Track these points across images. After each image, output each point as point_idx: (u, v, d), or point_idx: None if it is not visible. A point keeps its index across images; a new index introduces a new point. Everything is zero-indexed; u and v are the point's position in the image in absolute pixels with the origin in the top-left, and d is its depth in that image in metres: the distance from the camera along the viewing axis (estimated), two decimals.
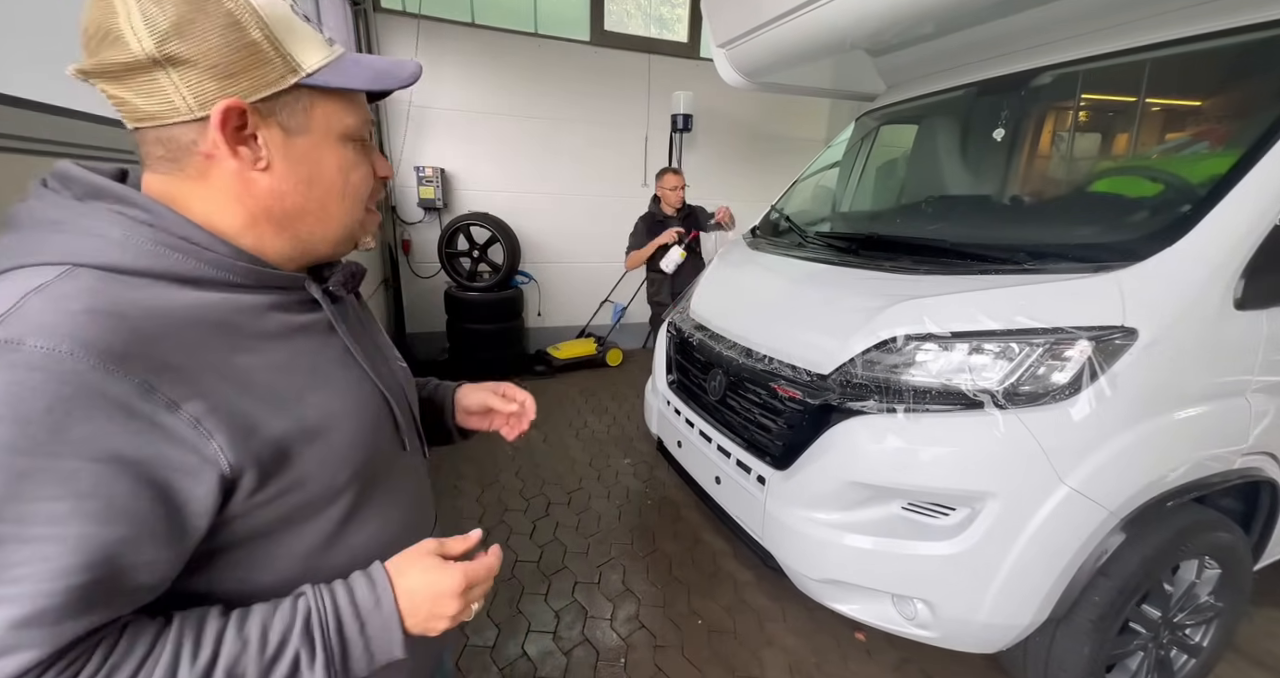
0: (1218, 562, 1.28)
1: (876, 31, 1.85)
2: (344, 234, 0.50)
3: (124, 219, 0.39)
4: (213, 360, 0.39)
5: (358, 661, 0.44)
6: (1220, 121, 1.43)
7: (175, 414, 0.36)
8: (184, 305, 0.39)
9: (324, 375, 0.48)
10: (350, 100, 0.47)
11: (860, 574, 1.26)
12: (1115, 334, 1.08)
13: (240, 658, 0.39)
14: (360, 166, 0.49)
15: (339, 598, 0.44)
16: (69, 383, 0.32)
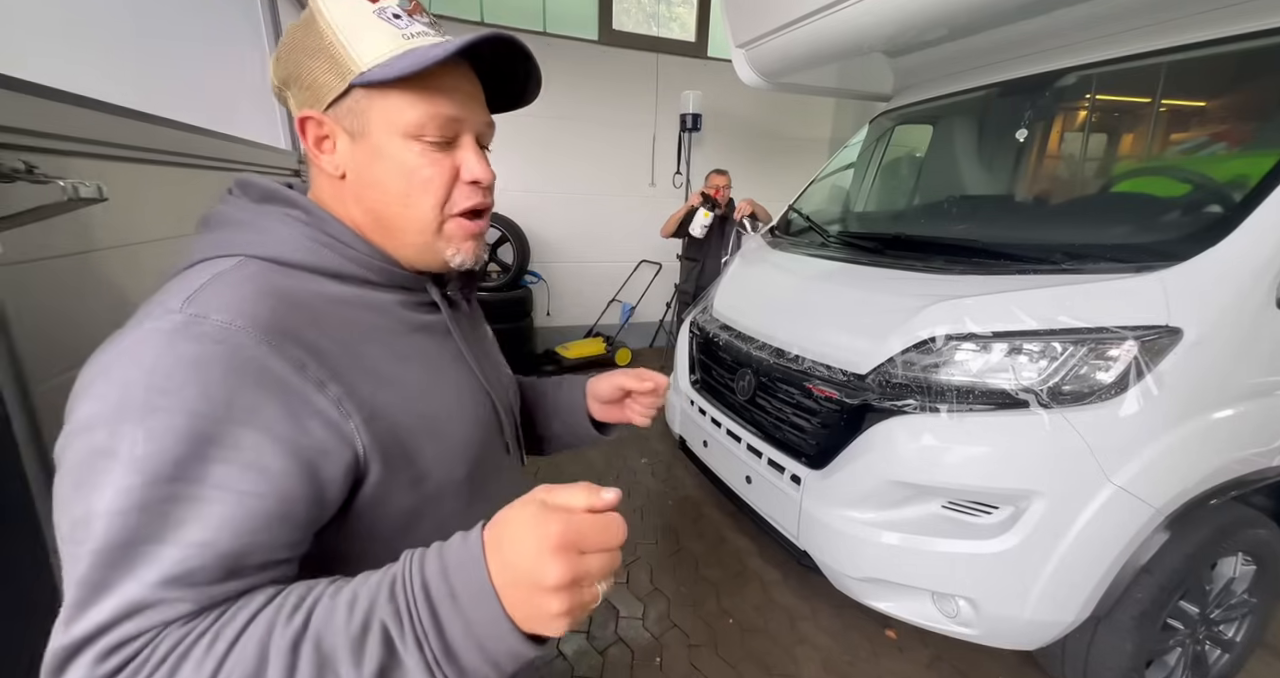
0: (1254, 558, 1.30)
1: (895, 34, 1.86)
2: (418, 242, 0.47)
3: (289, 219, 0.44)
4: (351, 348, 0.42)
5: (461, 647, 0.32)
6: (1240, 122, 1.45)
7: (323, 392, 0.38)
8: (330, 296, 0.43)
9: (441, 374, 0.49)
10: (418, 94, 0.43)
11: (901, 572, 1.27)
12: (1160, 334, 1.09)
13: (330, 625, 0.32)
14: (430, 167, 0.45)
15: (428, 555, 0.35)
16: (240, 354, 0.35)
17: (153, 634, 0.32)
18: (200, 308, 0.36)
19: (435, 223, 0.47)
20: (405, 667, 0.32)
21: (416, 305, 0.50)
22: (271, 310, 0.38)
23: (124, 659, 0.31)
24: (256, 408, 0.35)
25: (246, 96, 1.24)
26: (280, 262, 0.42)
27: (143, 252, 0.68)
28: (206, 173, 0.87)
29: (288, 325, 0.38)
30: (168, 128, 0.75)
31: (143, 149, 0.69)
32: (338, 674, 0.31)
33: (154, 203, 0.71)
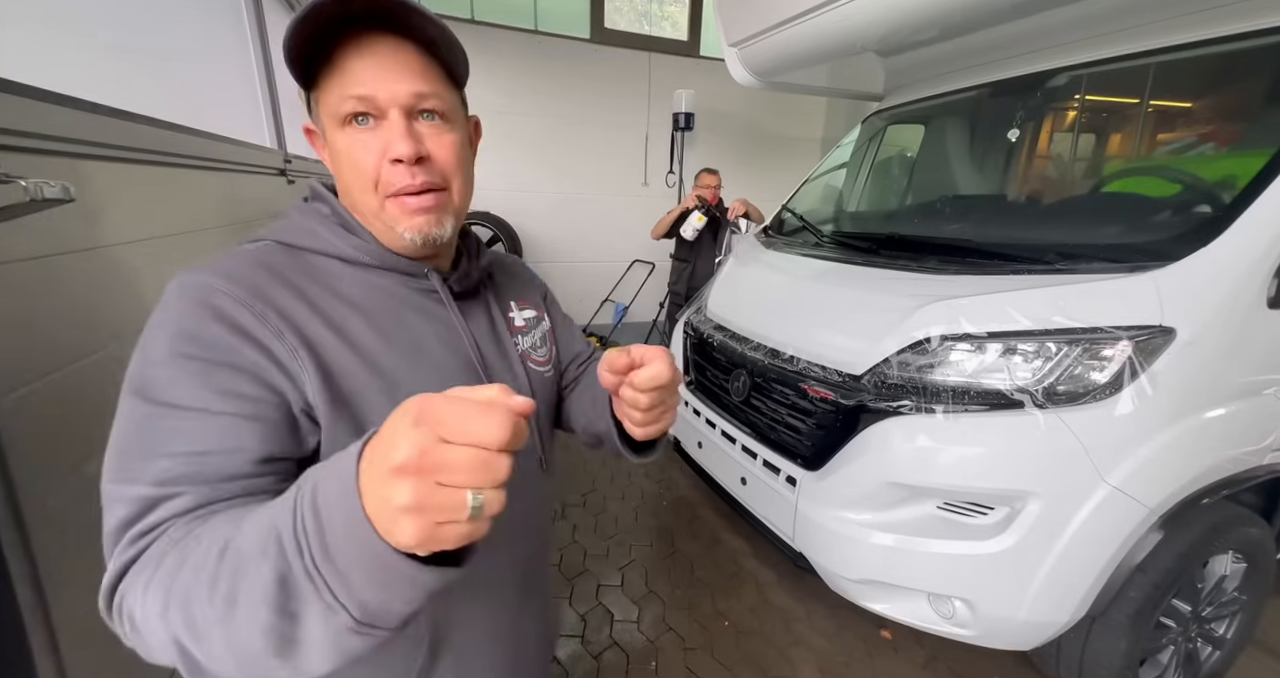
0: (1244, 556, 1.31)
1: (888, 34, 1.86)
2: (375, 226, 0.50)
3: (315, 213, 0.52)
4: (326, 314, 0.47)
5: (331, 548, 0.29)
6: (1228, 122, 1.46)
7: (280, 340, 0.43)
8: (327, 272, 0.50)
9: (422, 354, 0.51)
10: (334, 77, 0.45)
11: (897, 574, 1.26)
12: (1154, 333, 1.09)
13: (250, 534, 0.32)
14: (358, 150, 0.46)
15: (322, 464, 0.32)
16: (213, 303, 0.42)
17: (167, 525, 0.37)
18: (192, 273, 0.44)
19: (376, 203, 0.48)
20: (295, 575, 0.30)
21: (419, 290, 0.54)
22: (251, 277, 0.45)
23: (146, 545, 0.37)
24: (227, 346, 0.41)
25: (233, 95, 1.22)
26: (292, 245, 0.50)
27: (122, 253, 0.66)
28: (190, 172, 0.84)
29: (260, 288, 0.45)
30: (148, 126, 0.73)
31: (121, 147, 0.67)
32: (245, 581, 0.30)
33: (132, 203, 0.69)
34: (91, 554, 0.44)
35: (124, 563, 0.36)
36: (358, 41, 0.45)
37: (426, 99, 0.47)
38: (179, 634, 0.32)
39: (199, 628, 0.32)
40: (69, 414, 0.58)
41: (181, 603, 0.32)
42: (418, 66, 0.46)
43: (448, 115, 0.49)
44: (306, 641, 0.31)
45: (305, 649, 0.31)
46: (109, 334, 0.64)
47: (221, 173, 0.96)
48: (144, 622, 0.34)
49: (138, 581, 0.35)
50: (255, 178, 1.14)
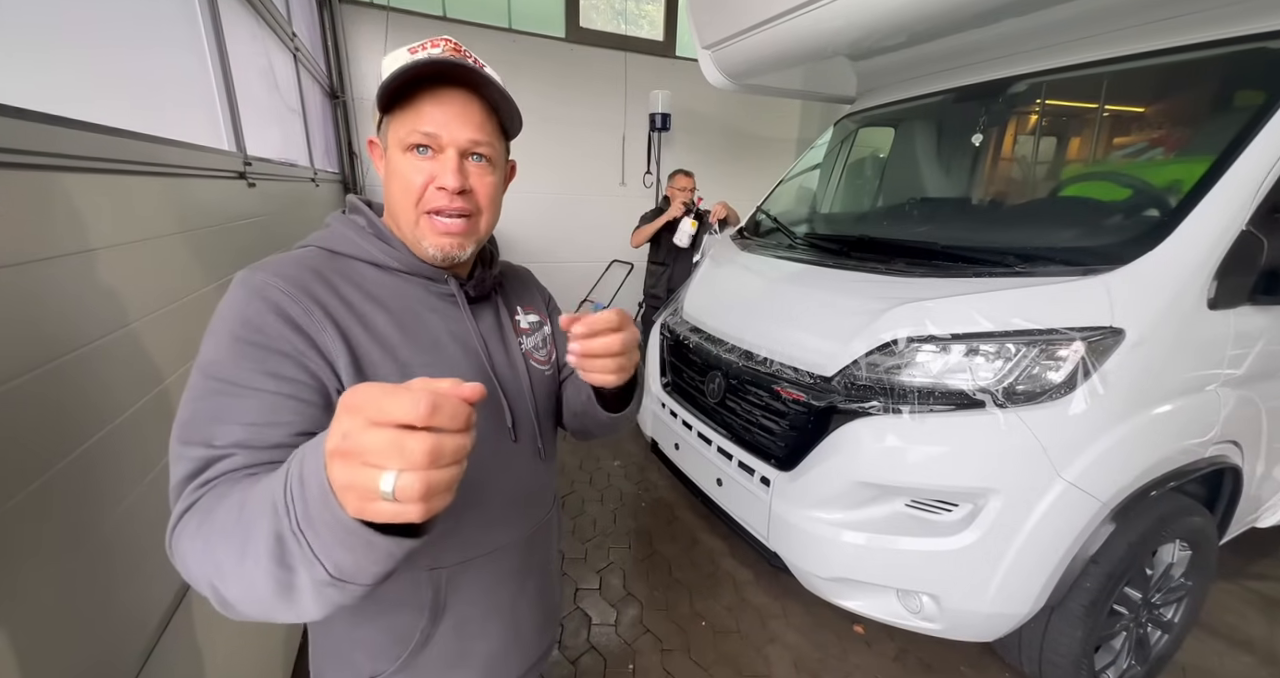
0: (1189, 544, 1.37)
1: (858, 39, 1.89)
2: (409, 235, 0.59)
3: (352, 222, 0.61)
4: (359, 312, 0.55)
5: (310, 512, 0.34)
6: (1176, 129, 1.53)
7: (324, 332, 0.51)
8: (361, 276, 0.57)
9: (439, 351, 0.59)
10: (410, 112, 0.55)
11: (867, 571, 1.29)
12: (1105, 334, 1.14)
13: (262, 496, 0.37)
14: (414, 174, 0.56)
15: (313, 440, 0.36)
16: (267, 298, 0.50)
17: (215, 483, 0.43)
18: (254, 271, 0.52)
19: (414, 217, 0.57)
20: (285, 531, 0.35)
21: (439, 294, 0.61)
22: (298, 275, 0.53)
23: (202, 495, 0.43)
24: (279, 335, 0.49)
25: (186, 98, 1.17)
26: (331, 250, 0.58)
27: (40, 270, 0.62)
28: (131, 179, 0.81)
29: (308, 287, 0.52)
30: (78, 131, 0.69)
31: (39, 154, 0.63)
32: (255, 536, 0.36)
33: (53, 216, 0.65)
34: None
35: (182, 509, 0.43)
36: (435, 89, 0.55)
37: (479, 146, 0.57)
38: (210, 575, 0.39)
39: (224, 571, 0.38)
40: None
41: (211, 550, 0.39)
42: (479, 119, 0.57)
43: (493, 160, 0.59)
44: (300, 588, 0.36)
45: (300, 596, 0.37)
46: (44, 353, 0.61)
47: (168, 178, 0.92)
48: (190, 561, 0.41)
49: (189, 526, 0.41)
50: (210, 182, 1.09)
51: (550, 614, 0.76)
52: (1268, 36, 1.23)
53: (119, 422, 0.73)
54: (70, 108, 0.71)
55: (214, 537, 0.39)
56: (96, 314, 0.71)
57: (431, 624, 0.59)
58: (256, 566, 0.36)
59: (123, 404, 0.75)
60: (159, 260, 0.87)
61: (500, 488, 0.63)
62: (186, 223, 0.95)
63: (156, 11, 1.06)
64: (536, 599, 0.70)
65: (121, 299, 0.76)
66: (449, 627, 0.61)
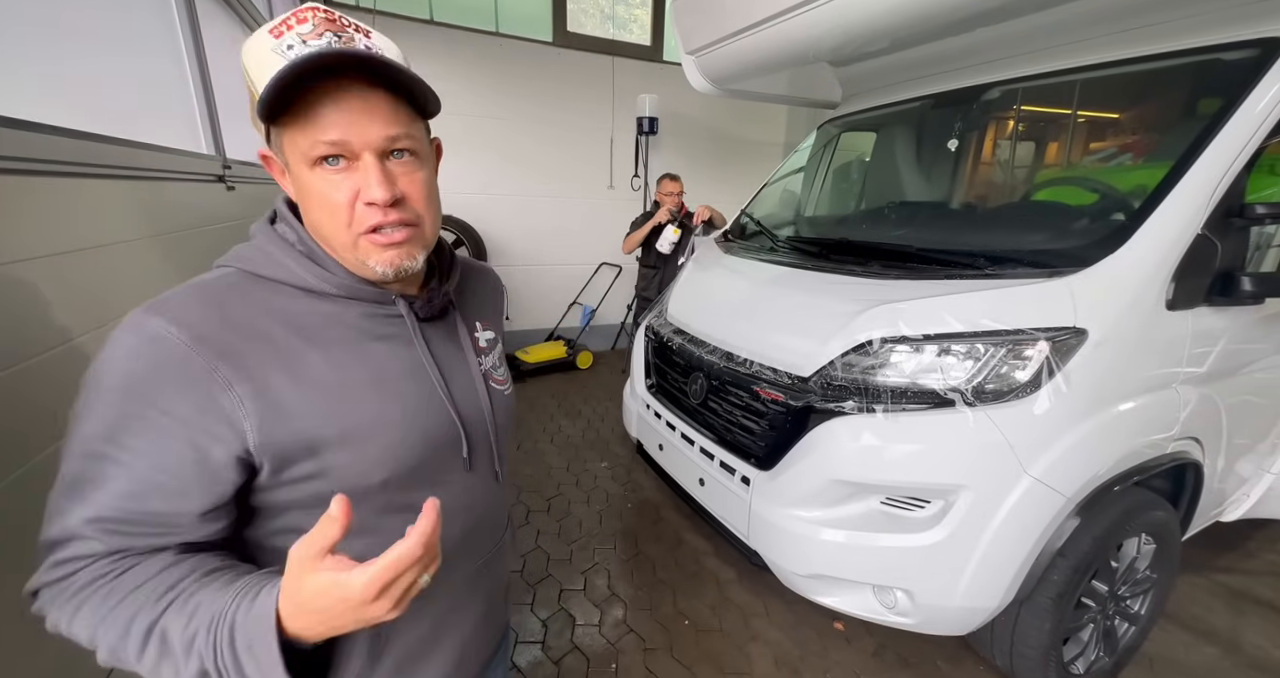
0: (1154, 538, 1.42)
1: (839, 45, 1.93)
2: (346, 258, 0.51)
3: (278, 237, 0.51)
4: (281, 353, 0.47)
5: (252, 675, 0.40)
6: (1143, 135, 1.58)
7: (228, 392, 0.44)
8: (284, 308, 0.49)
9: (387, 382, 0.52)
10: (302, 123, 0.45)
11: (844, 568, 1.32)
12: (1069, 334, 1.18)
13: (173, 625, 0.41)
14: (332, 191, 0.47)
15: (239, 610, 0.41)
16: (161, 353, 0.43)
17: (81, 564, 0.42)
18: (152, 311, 0.44)
19: (350, 240, 0.49)
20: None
21: (383, 317, 0.54)
22: (203, 320, 0.45)
23: (60, 576, 0.43)
24: (167, 397, 0.42)
25: (162, 102, 1.17)
26: (257, 274, 0.49)
27: (8, 273, 0.63)
28: (104, 182, 0.81)
29: (214, 334, 0.44)
30: (48, 135, 0.69)
31: (8, 158, 0.63)
32: (175, 663, 0.41)
33: (21, 219, 0.66)
34: None
35: (44, 582, 0.43)
36: (326, 87, 0.44)
37: (398, 140, 0.48)
38: (104, 658, 0.42)
39: (119, 658, 0.42)
40: None
41: (108, 648, 0.42)
42: (388, 109, 0.47)
43: (418, 152, 0.50)
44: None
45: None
46: (9, 356, 0.61)
47: (146, 182, 0.92)
48: (69, 634, 0.43)
49: (62, 608, 0.42)
50: (188, 185, 1.10)
51: (496, 633, 0.72)
52: (1222, 48, 1.28)
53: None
54: (43, 113, 0.71)
55: (107, 639, 0.42)
56: (68, 316, 0.71)
57: (370, 666, 0.53)
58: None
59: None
60: (134, 263, 0.87)
61: (455, 521, 0.57)
62: (163, 226, 0.96)
63: (130, 16, 1.06)
64: (482, 622, 0.66)
65: (95, 301, 0.76)
66: (389, 665, 0.55)
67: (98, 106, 0.91)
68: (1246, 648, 1.64)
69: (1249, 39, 1.23)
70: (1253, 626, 1.73)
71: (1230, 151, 1.19)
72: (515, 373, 3.84)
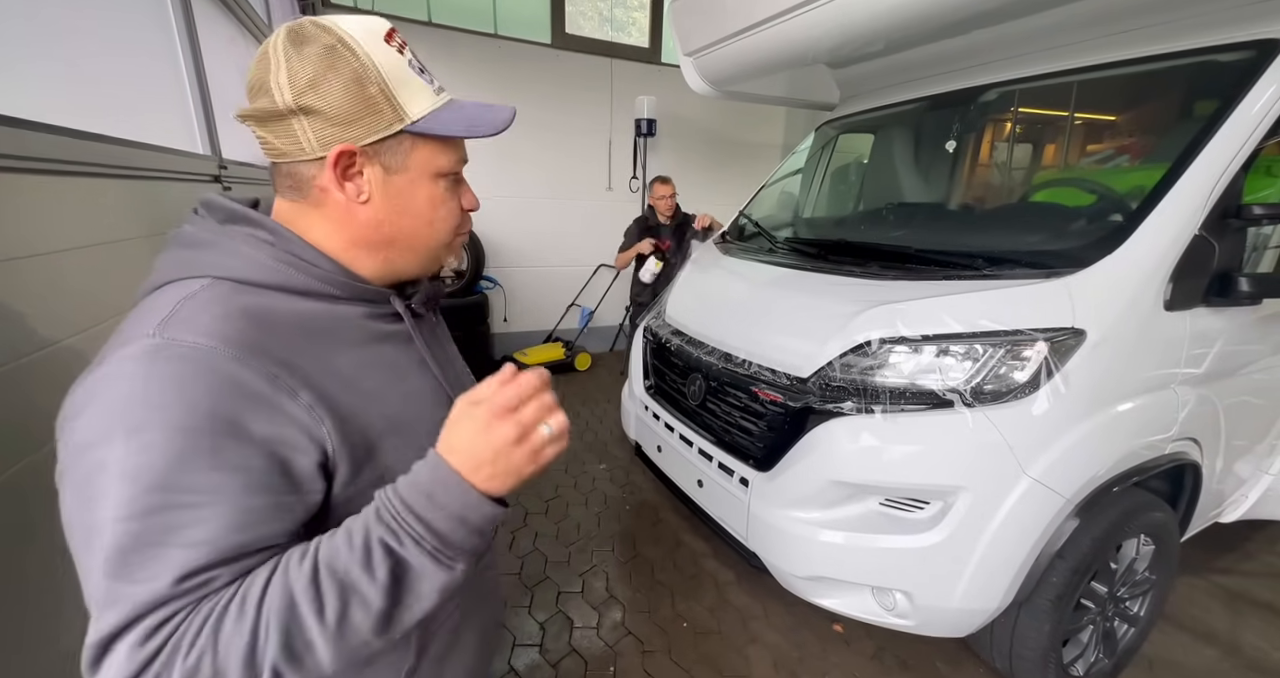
0: (1152, 539, 1.41)
1: (837, 46, 1.94)
2: (429, 259, 0.56)
3: (254, 239, 0.47)
4: (320, 358, 0.46)
5: (449, 531, 0.42)
6: (1140, 137, 1.59)
7: (295, 400, 0.43)
8: (296, 311, 0.47)
9: (404, 380, 0.54)
10: (447, 143, 0.52)
11: (843, 569, 1.31)
12: (1067, 335, 1.17)
13: (337, 558, 0.40)
14: (450, 201, 0.54)
15: (401, 482, 0.44)
16: (217, 372, 0.39)
17: (183, 615, 0.38)
18: (174, 332, 0.40)
19: (449, 241, 0.56)
20: (410, 562, 0.41)
21: (380, 317, 0.54)
22: (240, 330, 0.42)
23: (162, 641, 0.37)
24: (235, 418, 0.39)
25: (158, 102, 1.16)
26: (246, 282, 0.46)
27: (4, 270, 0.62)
28: (99, 181, 0.80)
29: (256, 342, 0.42)
30: (43, 134, 0.69)
31: (3, 156, 0.63)
32: (358, 589, 0.40)
33: (16, 217, 0.65)
34: None
35: (147, 656, 0.36)
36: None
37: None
38: (276, 664, 0.38)
39: (301, 648, 0.39)
40: None
41: (281, 637, 0.38)
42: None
43: None
44: (414, 605, 0.42)
45: (406, 614, 0.42)
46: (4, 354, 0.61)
47: (141, 181, 0.92)
48: (229, 664, 0.37)
49: (190, 652, 0.37)
50: (184, 185, 1.09)
51: (499, 627, 0.76)
52: (1218, 49, 1.28)
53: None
54: (38, 111, 0.71)
55: (274, 628, 0.38)
56: (63, 315, 0.70)
57: (417, 661, 0.56)
58: (364, 616, 0.40)
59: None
60: (128, 263, 0.86)
61: None
62: (158, 226, 0.95)
63: (127, 16, 1.06)
64: (491, 615, 0.70)
65: (89, 301, 0.76)
66: (432, 658, 0.57)
67: (93, 105, 0.90)
68: (1245, 650, 1.64)
69: (1245, 41, 1.23)
70: (1251, 627, 1.73)
71: (1227, 153, 1.20)
72: None
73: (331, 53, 0.45)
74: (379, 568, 0.40)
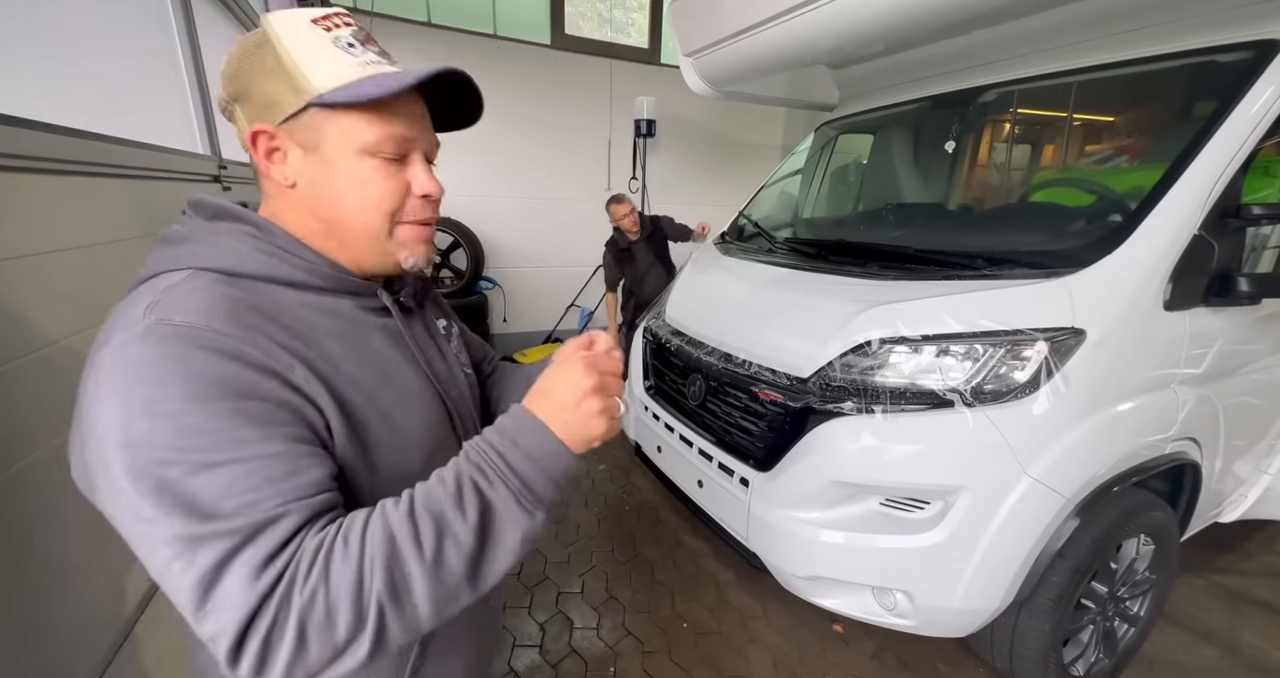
0: (1152, 539, 1.42)
1: (836, 47, 1.94)
2: (370, 248, 0.51)
3: (238, 233, 0.48)
4: (311, 343, 0.46)
5: (530, 474, 0.45)
6: (1139, 137, 1.59)
7: (292, 373, 0.43)
8: (284, 301, 0.47)
9: (391, 373, 0.53)
10: (375, 116, 0.48)
11: (843, 569, 1.31)
12: (1067, 335, 1.18)
13: (431, 497, 0.42)
14: (385, 181, 0.49)
15: (488, 430, 0.47)
16: (213, 345, 0.40)
17: (292, 548, 0.38)
18: (164, 313, 0.40)
19: (386, 229, 0.51)
20: (497, 504, 0.43)
21: (369, 309, 0.54)
22: (230, 312, 0.42)
23: (278, 573, 0.37)
24: (247, 384, 0.40)
25: (158, 102, 1.16)
26: (229, 272, 0.46)
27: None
28: (97, 181, 0.80)
29: (249, 322, 0.42)
30: (41, 132, 0.69)
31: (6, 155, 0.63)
32: (449, 524, 0.41)
33: (12, 216, 0.65)
34: None
35: (266, 586, 0.36)
36: (408, 93, 0.49)
37: (437, 150, 0.54)
38: (381, 601, 0.38)
39: (402, 585, 0.39)
40: None
41: (384, 573, 0.38)
42: (430, 124, 0.53)
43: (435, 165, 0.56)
44: (499, 553, 0.43)
45: (493, 564, 0.43)
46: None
47: (140, 181, 0.91)
48: (325, 620, 0.37)
49: (305, 585, 0.37)
50: (183, 185, 1.09)
51: (499, 626, 0.77)
52: (1217, 50, 1.29)
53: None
54: (36, 110, 0.71)
55: (379, 563, 0.38)
56: (62, 315, 0.70)
57: (420, 655, 0.56)
58: (456, 554, 0.41)
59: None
60: (128, 263, 0.86)
61: None
62: (157, 226, 0.95)
63: (127, 16, 1.06)
64: (493, 613, 0.70)
65: (89, 300, 0.76)
66: (436, 653, 0.58)
67: (92, 105, 0.90)
68: (1245, 649, 1.64)
69: (1244, 41, 1.24)
70: (1251, 626, 1.73)
71: (1226, 153, 1.20)
72: None
73: (259, 40, 0.47)
74: (470, 507, 0.42)
